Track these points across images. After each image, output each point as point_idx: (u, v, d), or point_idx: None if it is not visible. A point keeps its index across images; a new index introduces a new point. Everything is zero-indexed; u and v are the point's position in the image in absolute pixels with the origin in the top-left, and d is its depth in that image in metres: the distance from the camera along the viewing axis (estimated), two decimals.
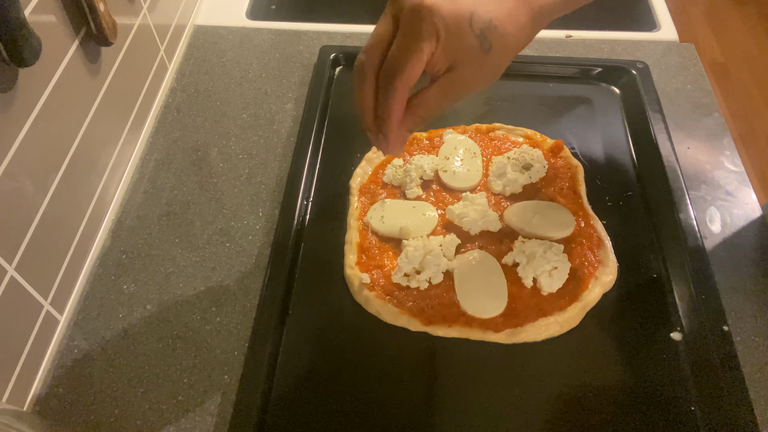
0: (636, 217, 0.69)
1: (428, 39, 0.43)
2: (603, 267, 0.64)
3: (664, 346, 0.59)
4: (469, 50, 0.44)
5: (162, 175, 0.75)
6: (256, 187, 0.73)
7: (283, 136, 0.79)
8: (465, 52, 0.44)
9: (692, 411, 0.55)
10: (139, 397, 0.57)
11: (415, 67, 0.44)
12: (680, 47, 0.90)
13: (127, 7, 0.71)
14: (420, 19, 0.42)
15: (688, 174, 0.73)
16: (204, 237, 0.69)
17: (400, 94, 0.45)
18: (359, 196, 0.71)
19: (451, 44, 0.44)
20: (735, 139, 0.84)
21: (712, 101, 0.82)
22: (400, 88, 0.44)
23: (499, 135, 0.77)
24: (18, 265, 0.53)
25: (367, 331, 0.61)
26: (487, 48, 0.44)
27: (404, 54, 0.43)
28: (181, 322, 0.62)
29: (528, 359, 0.58)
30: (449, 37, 0.43)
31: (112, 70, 0.68)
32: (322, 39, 0.92)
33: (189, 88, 0.85)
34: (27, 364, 0.56)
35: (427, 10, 0.42)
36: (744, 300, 0.63)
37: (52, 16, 0.56)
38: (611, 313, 0.61)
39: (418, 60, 0.43)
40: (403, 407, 0.56)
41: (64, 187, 0.59)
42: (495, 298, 0.61)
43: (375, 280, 0.63)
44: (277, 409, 0.56)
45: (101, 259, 0.67)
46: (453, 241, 0.65)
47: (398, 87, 0.44)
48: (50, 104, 0.56)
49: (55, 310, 0.60)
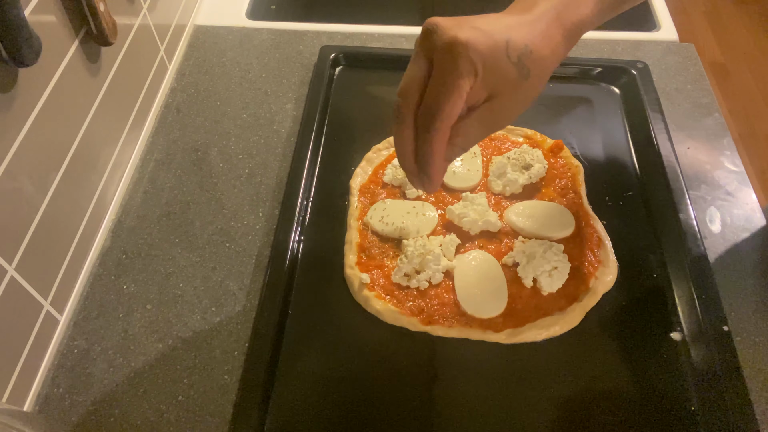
0: (636, 217, 0.69)
1: (467, 76, 0.41)
2: (603, 267, 0.64)
3: (664, 346, 0.59)
4: (508, 79, 0.43)
5: (162, 175, 0.75)
6: (256, 187, 0.73)
7: (283, 136, 0.79)
8: (504, 81, 0.43)
9: (692, 411, 0.55)
10: (139, 397, 0.57)
11: (456, 106, 0.42)
12: (680, 47, 0.90)
13: (127, 7, 0.71)
14: (456, 56, 0.41)
15: (688, 174, 0.73)
16: (204, 237, 0.69)
17: (442, 134, 0.43)
18: (359, 196, 0.71)
19: (489, 76, 0.42)
20: (735, 139, 0.84)
21: (712, 101, 0.82)
22: (441, 129, 0.43)
23: (499, 135, 0.77)
24: (18, 265, 0.53)
25: (367, 331, 0.61)
26: (525, 74, 0.43)
27: (443, 93, 0.42)
28: (181, 322, 0.62)
29: (528, 359, 0.58)
30: (487, 70, 0.42)
31: (112, 70, 0.68)
32: (322, 39, 0.92)
33: (189, 88, 0.85)
34: (27, 364, 0.56)
35: (462, 47, 0.41)
36: (744, 300, 0.63)
37: (52, 16, 0.56)
38: (611, 313, 0.61)
39: (458, 98, 0.42)
40: (403, 407, 0.56)
41: (64, 187, 0.59)
42: (495, 298, 0.61)
43: (375, 280, 0.63)
44: (277, 409, 0.56)
45: (101, 259, 0.67)
46: (453, 241, 0.65)
47: (440, 128, 0.43)
48: (50, 104, 0.56)
49: (55, 310, 0.60)
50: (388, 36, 0.92)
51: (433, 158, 0.44)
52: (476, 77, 0.42)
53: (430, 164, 0.44)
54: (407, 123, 0.44)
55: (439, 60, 0.42)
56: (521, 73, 0.43)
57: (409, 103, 0.44)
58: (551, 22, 0.45)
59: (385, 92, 0.84)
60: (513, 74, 0.43)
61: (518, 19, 0.44)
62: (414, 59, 0.44)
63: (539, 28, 0.44)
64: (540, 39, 0.44)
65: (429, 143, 0.43)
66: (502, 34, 0.42)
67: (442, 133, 0.43)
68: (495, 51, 0.42)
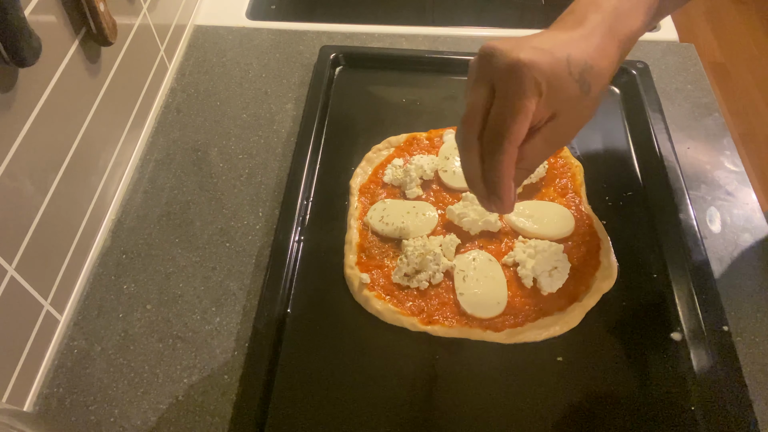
0: (636, 217, 0.69)
1: (532, 96, 0.41)
2: (603, 267, 0.63)
3: (664, 346, 0.59)
4: (571, 96, 0.43)
5: (162, 175, 0.75)
6: (256, 187, 0.73)
7: (283, 136, 0.79)
8: (567, 99, 0.43)
9: (692, 411, 0.55)
10: (139, 397, 0.57)
11: (523, 127, 0.42)
12: (680, 47, 0.90)
13: (127, 7, 0.71)
14: (521, 77, 0.41)
15: (688, 174, 0.73)
16: (204, 237, 0.69)
17: (510, 156, 0.43)
18: (359, 196, 0.71)
19: (553, 95, 0.42)
20: (735, 139, 0.84)
21: (712, 101, 0.82)
22: (509, 150, 0.43)
23: None
24: (18, 265, 0.53)
25: (367, 331, 0.61)
26: (586, 90, 0.43)
27: (510, 115, 0.42)
28: (181, 322, 0.62)
29: (528, 359, 0.58)
30: (551, 89, 0.42)
31: (112, 70, 0.68)
32: (322, 39, 0.92)
33: (189, 88, 0.85)
34: (27, 364, 0.56)
35: (526, 67, 0.41)
36: (744, 300, 0.63)
37: (52, 16, 0.56)
38: (611, 313, 0.61)
39: (525, 119, 0.42)
40: (403, 407, 0.56)
41: (64, 187, 0.59)
42: (495, 298, 0.61)
43: (375, 280, 0.63)
44: (277, 409, 0.56)
45: (101, 259, 0.67)
46: (453, 241, 0.65)
47: (508, 149, 0.43)
48: (50, 104, 0.56)
49: (55, 310, 0.60)
50: (388, 36, 0.92)
51: (503, 180, 0.44)
52: (541, 97, 0.42)
53: (500, 187, 0.44)
54: (474, 149, 0.44)
55: (503, 82, 0.42)
56: (583, 88, 0.43)
57: (474, 129, 0.44)
58: (605, 36, 0.45)
59: (385, 92, 0.84)
60: (576, 91, 0.43)
61: (572, 35, 0.44)
62: (474, 86, 0.44)
63: (594, 42, 0.44)
64: (597, 53, 0.44)
65: (498, 166, 0.43)
66: (562, 51, 0.42)
67: (510, 155, 0.43)
68: (557, 69, 0.42)
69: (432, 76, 0.85)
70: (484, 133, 0.44)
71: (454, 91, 0.83)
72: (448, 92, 0.83)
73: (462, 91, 0.82)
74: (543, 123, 0.44)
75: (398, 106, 0.82)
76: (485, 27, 0.95)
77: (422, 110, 0.81)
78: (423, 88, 0.84)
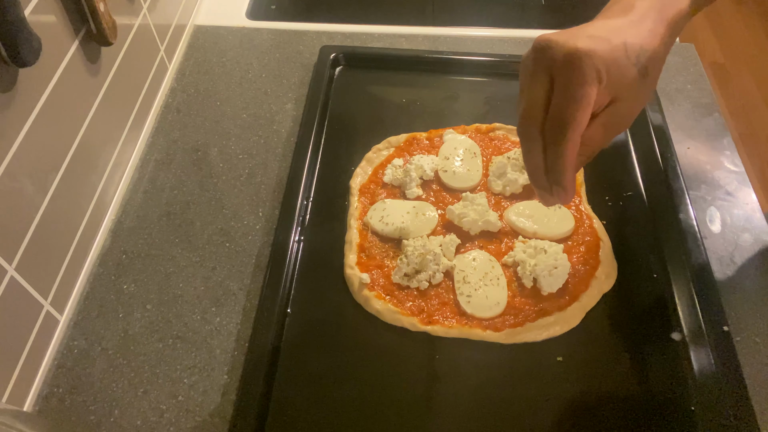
0: (636, 217, 0.69)
1: (593, 83, 0.42)
2: (603, 267, 0.64)
3: (664, 346, 0.59)
4: (630, 80, 0.44)
5: (162, 175, 0.75)
6: (256, 187, 0.73)
7: (283, 136, 0.79)
8: (627, 84, 0.44)
9: (692, 411, 0.55)
10: (139, 397, 0.57)
11: (586, 114, 0.43)
12: (680, 47, 0.89)
13: (127, 7, 0.71)
14: (581, 65, 0.41)
15: (688, 174, 0.73)
16: (204, 237, 0.69)
17: (574, 143, 0.43)
18: (359, 196, 0.71)
19: (613, 81, 0.43)
20: (735, 139, 0.84)
21: (712, 101, 0.82)
22: (573, 139, 0.43)
23: (499, 135, 0.77)
24: (18, 265, 0.53)
25: (367, 331, 0.61)
26: (644, 73, 0.44)
27: (572, 104, 0.42)
28: (181, 322, 0.62)
29: (528, 359, 0.58)
30: (611, 75, 0.42)
31: (112, 70, 0.68)
32: (322, 39, 0.92)
33: (189, 88, 0.85)
34: (27, 364, 0.56)
35: (586, 56, 0.41)
36: (744, 300, 0.63)
37: (52, 16, 0.56)
38: (611, 313, 0.61)
39: (587, 106, 0.42)
40: (403, 407, 0.56)
41: (64, 187, 0.59)
42: (495, 298, 0.61)
43: (375, 280, 0.63)
44: (277, 409, 0.56)
45: (101, 259, 0.67)
46: (453, 241, 0.65)
47: (572, 138, 0.43)
48: (50, 104, 0.56)
49: (55, 310, 0.60)
50: (388, 36, 0.92)
51: (567, 169, 0.44)
52: (601, 84, 0.42)
53: (564, 176, 0.45)
54: (538, 142, 0.45)
55: (563, 72, 0.42)
56: (641, 72, 0.44)
57: (537, 122, 0.44)
58: (656, 19, 0.45)
59: (385, 92, 0.84)
60: (634, 75, 0.44)
61: (624, 21, 0.45)
62: (531, 79, 0.44)
63: (647, 26, 0.45)
64: (651, 37, 0.44)
65: (562, 156, 0.44)
66: (617, 38, 0.43)
67: (574, 143, 0.43)
68: (616, 55, 0.42)
69: (432, 76, 0.85)
70: (546, 125, 0.44)
71: (454, 91, 0.83)
72: (448, 92, 0.83)
73: (463, 91, 0.84)
74: (602, 109, 0.45)
75: (398, 106, 0.82)
76: (485, 27, 0.95)
77: (422, 110, 0.81)
78: (423, 88, 0.84)
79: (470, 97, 0.83)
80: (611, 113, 0.45)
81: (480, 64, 0.85)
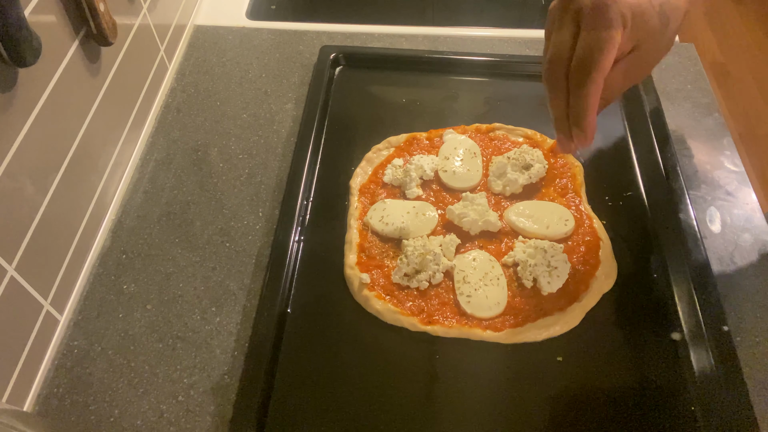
0: (636, 217, 0.69)
1: (618, 27, 0.44)
2: (603, 267, 0.63)
3: (664, 346, 0.59)
4: (653, 28, 0.45)
5: (162, 175, 0.75)
6: (256, 187, 0.73)
7: (283, 136, 0.79)
8: (649, 31, 0.45)
9: (692, 411, 0.55)
10: (139, 397, 0.57)
11: (610, 57, 0.44)
12: (680, 47, 0.89)
13: (127, 7, 0.71)
14: (607, 9, 0.43)
15: (688, 174, 0.73)
16: (204, 237, 0.69)
17: (598, 86, 0.45)
18: (359, 196, 0.71)
19: (636, 27, 0.44)
20: (735, 139, 0.84)
21: (712, 101, 0.82)
22: (597, 81, 0.45)
23: (499, 135, 0.77)
24: (18, 265, 0.53)
25: (367, 331, 0.61)
26: (666, 22, 0.46)
27: (598, 46, 0.44)
28: (181, 322, 0.62)
29: (528, 359, 0.58)
30: (636, 21, 0.44)
31: (112, 70, 0.68)
32: (322, 39, 0.92)
33: (189, 88, 0.85)
34: (27, 364, 0.56)
35: (612, 1, 0.43)
36: (744, 300, 0.63)
37: (52, 16, 0.56)
38: (611, 313, 0.61)
39: (612, 48, 0.44)
40: (403, 407, 0.56)
41: (64, 187, 0.59)
42: (495, 298, 0.61)
43: (375, 280, 0.63)
44: (277, 409, 0.56)
45: (101, 259, 0.67)
46: (453, 241, 0.65)
47: (596, 79, 0.44)
48: (50, 104, 0.56)
49: (55, 310, 0.60)
50: (388, 36, 0.92)
51: (589, 112, 0.46)
52: (626, 28, 0.44)
53: (585, 118, 0.46)
54: (563, 86, 0.46)
55: (590, 16, 0.44)
56: (663, 21, 0.46)
57: (563, 67, 0.46)
58: None
59: (385, 92, 0.84)
60: (656, 22, 0.45)
61: None
62: (558, 26, 0.46)
63: None
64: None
65: (585, 98, 0.45)
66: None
67: (598, 85, 0.45)
68: (641, 2, 0.44)
69: (432, 76, 0.85)
70: (572, 68, 0.46)
71: (454, 91, 0.83)
72: (448, 92, 0.83)
73: (463, 91, 0.84)
74: (624, 55, 0.47)
75: (398, 106, 0.82)
76: (485, 27, 0.95)
77: (422, 110, 0.81)
78: (423, 88, 0.84)
79: (470, 97, 0.83)
80: (632, 60, 0.47)
81: (480, 64, 0.85)
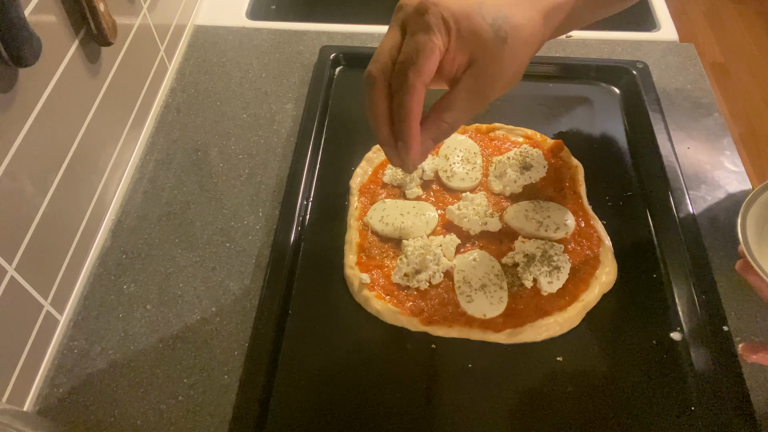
0: (636, 217, 0.69)
1: (437, 31, 0.42)
2: (603, 267, 0.63)
3: (664, 346, 0.59)
4: (486, 40, 0.43)
5: (162, 175, 0.75)
6: (256, 187, 0.73)
7: (283, 136, 0.79)
8: (481, 42, 0.43)
9: (692, 411, 0.55)
10: (139, 397, 0.57)
11: (429, 59, 0.42)
12: (680, 47, 0.90)
13: (127, 7, 0.71)
14: (425, 12, 0.42)
15: (688, 174, 0.73)
16: (204, 237, 0.69)
17: (417, 91, 0.42)
18: (359, 196, 0.71)
19: (465, 35, 0.43)
20: (735, 139, 0.84)
21: (712, 101, 0.82)
22: (416, 84, 0.42)
23: (499, 135, 0.77)
24: (18, 265, 0.53)
25: (367, 331, 0.61)
26: (502, 37, 0.43)
27: (415, 48, 0.42)
28: (181, 322, 0.62)
29: (528, 359, 0.58)
30: (461, 28, 0.42)
31: (112, 70, 0.68)
32: (322, 39, 0.92)
33: (189, 88, 0.85)
34: (27, 364, 0.56)
35: (433, 5, 0.42)
36: (744, 300, 0.63)
37: (52, 16, 0.56)
38: (611, 313, 0.61)
39: (431, 51, 0.42)
40: (403, 407, 0.56)
41: (64, 187, 0.59)
42: (495, 298, 0.61)
43: (375, 280, 0.63)
44: (277, 410, 0.56)
45: (101, 259, 0.67)
46: (453, 241, 0.65)
47: (414, 83, 0.42)
48: (50, 104, 0.56)
49: (55, 310, 0.60)
50: None
51: (410, 119, 0.43)
52: (449, 34, 0.43)
53: (407, 127, 0.43)
54: (380, 86, 0.44)
55: (411, 21, 0.43)
56: (498, 34, 0.43)
57: (381, 67, 0.44)
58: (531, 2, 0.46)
59: None
60: (489, 34, 0.43)
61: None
62: (388, 33, 0.45)
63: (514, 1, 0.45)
64: (514, 7, 0.45)
65: (404, 103, 0.43)
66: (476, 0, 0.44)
67: (417, 90, 0.42)
68: (467, 9, 0.43)
69: None
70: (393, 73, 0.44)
71: None
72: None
73: None
74: (462, 71, 0.45)
75: None
76: None
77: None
78: None
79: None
80: (471, 76, 0.44)
81: None
